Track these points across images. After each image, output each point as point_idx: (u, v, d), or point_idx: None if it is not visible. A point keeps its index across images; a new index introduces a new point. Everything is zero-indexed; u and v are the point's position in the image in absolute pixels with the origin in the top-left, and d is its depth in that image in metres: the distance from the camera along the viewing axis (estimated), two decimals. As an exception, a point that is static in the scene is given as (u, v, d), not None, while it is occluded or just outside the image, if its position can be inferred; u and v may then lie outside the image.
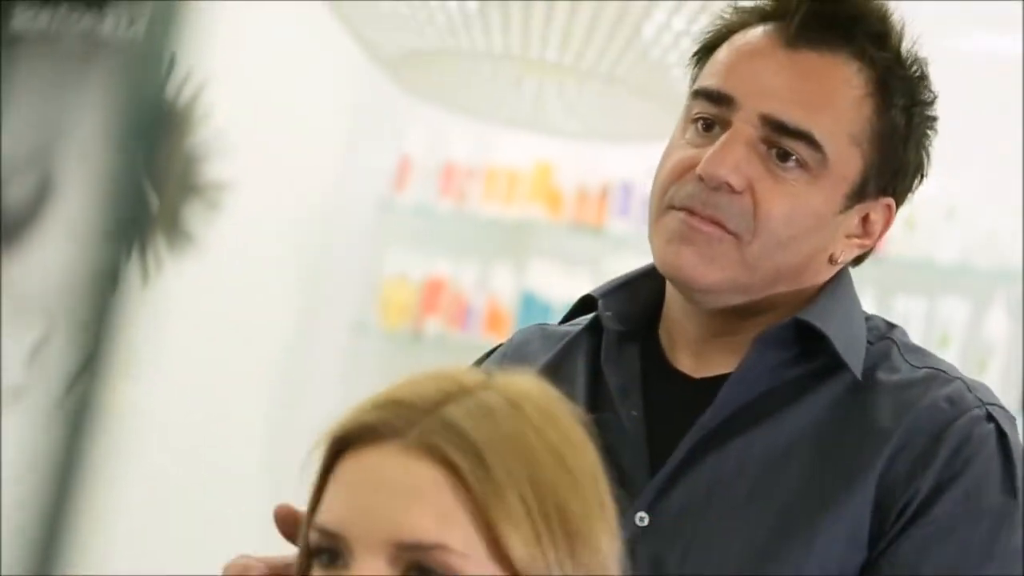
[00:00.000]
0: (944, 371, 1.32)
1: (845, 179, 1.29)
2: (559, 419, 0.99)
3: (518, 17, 2.58)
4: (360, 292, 4.68)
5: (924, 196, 3.73)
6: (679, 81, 2.46)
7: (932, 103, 1.34)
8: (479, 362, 1.53)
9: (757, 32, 1.33)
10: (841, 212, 1.31)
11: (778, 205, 1.26)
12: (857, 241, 1.34)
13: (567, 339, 1.45)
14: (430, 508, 0.93)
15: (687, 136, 1.32)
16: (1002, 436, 1.25)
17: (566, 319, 1.52)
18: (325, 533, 0.97)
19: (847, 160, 1.28)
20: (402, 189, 4.55)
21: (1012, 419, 1.30)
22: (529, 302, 4.32)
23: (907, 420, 1.26)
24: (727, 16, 1.37)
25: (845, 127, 1.28)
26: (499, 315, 4.46)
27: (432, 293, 4.42)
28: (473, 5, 2.64)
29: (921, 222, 3.99)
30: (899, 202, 1.36)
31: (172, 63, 0.64)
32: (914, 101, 1.32)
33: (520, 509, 0.93)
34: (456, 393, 0.97)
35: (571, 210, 4.40)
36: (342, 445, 0.98)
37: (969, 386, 1.30)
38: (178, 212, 4.13)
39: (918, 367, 1.31)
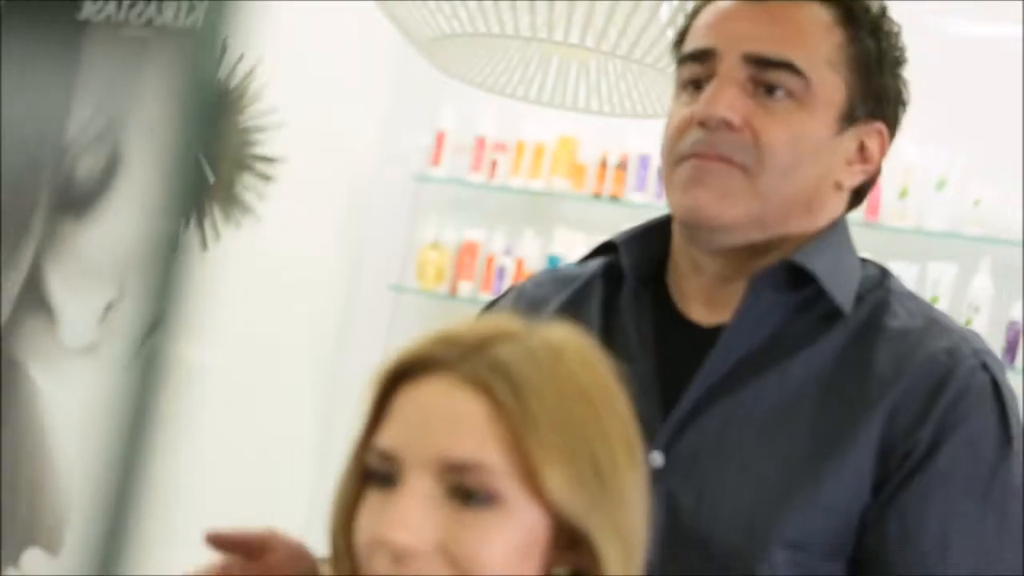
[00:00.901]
0: (939, 320, 1.32)
1: (832, 103, 1.30)
2: (595, 367, 1.01)
3: (544, 1, 2.58)
4: (399, 257, 4.67)
5: (916, 168, 3.83)
6: None
7: (898, 33, 1.35)
8: (488, 307, 1.56)
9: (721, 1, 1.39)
10: (837, 135, 1.32)
11: (776, 133, 1.27)
12: (859, 167, 1.35)
13: (579, 282, 1.45)
14: (474, 434, 0.95)
15: (682, 98, 1.33)
16: (996, 385, 1.25)
17: (586, 258, 1.52)
18: (382, 455, 0.99)
19: (830, 84, 1.30)
20: (437, 163, 4.58)
21: (1002, 366, 1.31)
22: (554, 266, 4.38)
23: (908, 371, 1.25)
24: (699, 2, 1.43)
25: (822, 53, 1.29)
26: (526, 278, 4.60)
27: (465, 258, 4.45)
28: None
29: (913, 193, 4.01)
30: (891, 129, 1.37)
31: (225, 48, 0.63)
32: (879, 28, 1.33)
33: (555, 445, 0.95)
34: (503, 336, 0.98)
35: (592, 182, 4.41)
36: (398, 377, 1.00)
37: (964, 336, 1.31)
38: (234, 185, 4.15)
39: (915, 314, 1.31)
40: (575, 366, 1.00)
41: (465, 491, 0.95)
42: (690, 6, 2.70)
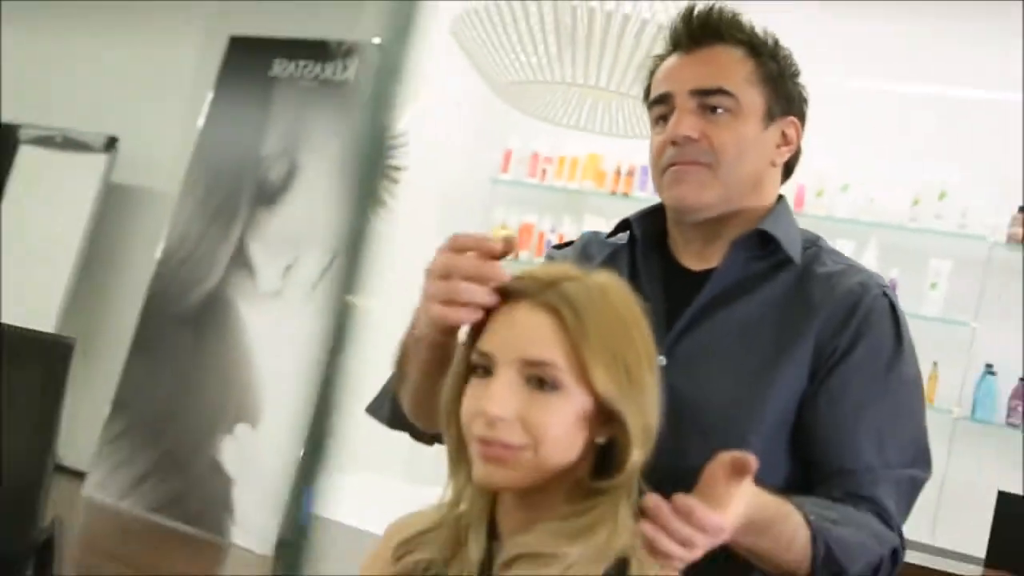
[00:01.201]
0: (854, 265, 1.40)
1: (756, 109, 1.38)
2: (628, 302, 1.11)
3: (580, 58, 2.92)
4: (480, 229, 4.59)
5: (829, 176, 4.37)
6: None
7: (789, 55, 1.42)
8: (556, 247, 1.63)
9: (669, 60, 1.44)
10: (764, 131, 1.39)
11: (724, 138, 1.36)
12: (784, 148, 1.43)
13: (613, 248, 1.50)
14: (545, 342, 1.05)
15: (656, 131, 1.42)
16: (892, 306, 1.35)
17: (612, 233, 1.55)
18: (482, 354, 1.08)
19: (752, 97, 1.37)
20: (505, 170, 5.06)
21: (896, 295, 1.37)
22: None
23: (832, 298, 1.33)
24: (650, 66, 1.50)
25: (741, 77, 1.37)
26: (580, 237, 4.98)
27: (524, 234, 4.92)
28: (553, 50, 2.93)
29: (826, 193, 4.40)
30: (800, 119, 1.45)
31: (378, 93, 0.70)
32: (776, 54, 1.41)
33: (600, 353, 1.05)
34: (568, 278, 1.08)
35: (610, 183, 4.86)
36: (492, 303, 1.09)
37: (871, 275, 1.38)
38: (375, 185, 5.79)
39: (838, 263, 1.39)
40: (615, 300, 1.09)
41: (538, 380, 1.05)
42: None
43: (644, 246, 1.45)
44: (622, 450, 1.07)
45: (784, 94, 1.41)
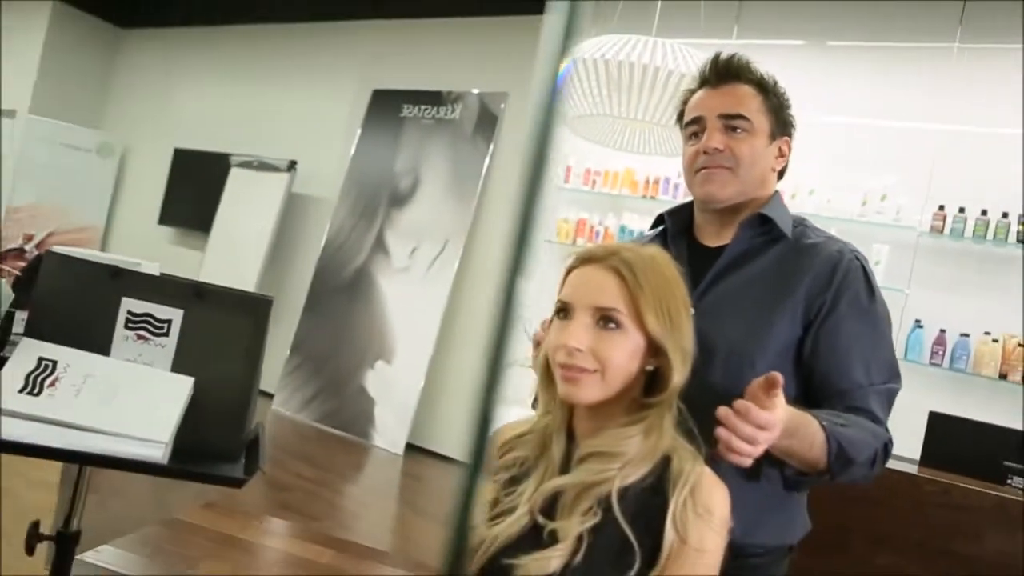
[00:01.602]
0: (832, 237, 1.33)
1: (764, 131, 1.32)
2: (670, 266, 1.06)
3: (624, 98, 2.83)
4: (549, 227, 4.85)
5: (800, 185, 4.19)
6: None
7: (784, 93, 1.36)
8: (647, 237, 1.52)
9: (697, 93, 1.38)
10: (768, 146, 1.33)
11: (742, 149, 1.31)
12: (780, 160, 1.36)
13: (651, 238, 1.45)
14: (611, 294, 1.02)
15: (690, 143, 1.36)
16: (865, 270, 1.28)
17: (653, 226, 1.50)
18: (563, 302, 1.05)
19: (761, 121, 1.32)
20: (567, 181, 4.91)
21: (866, 259, 1.31)
22: (622, 231, 4.61)
23: (817, 262, 1.27)
24: (682, 96, 1.44)
25: (754, 107, 1.31)
26: (609, 238, 4.70)
27: (580, 226, 4.82)
28: (604, 92, 2.85)
29: (797, 195, 4.17)
30: (791, 139, 1.38)
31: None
32: (777, 91, 1.35)
33: (651, 302, 1.02)
34: (626, 249, 1.05)
35: (642, 190, 4.71)
36: (573, 266, 1.07)
37: (846, 244, 1.32)
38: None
39: (820, 236, 1.33)
40: (660, 264, 1.05)
41: (605, 321, 1.02)
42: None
43: (674, 232, 1.41)
44: (666, 375, 1.03)
45: (782, 120, 1.36)
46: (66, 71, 7.67)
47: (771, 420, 0.96)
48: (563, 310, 1.04)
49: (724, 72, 1.33)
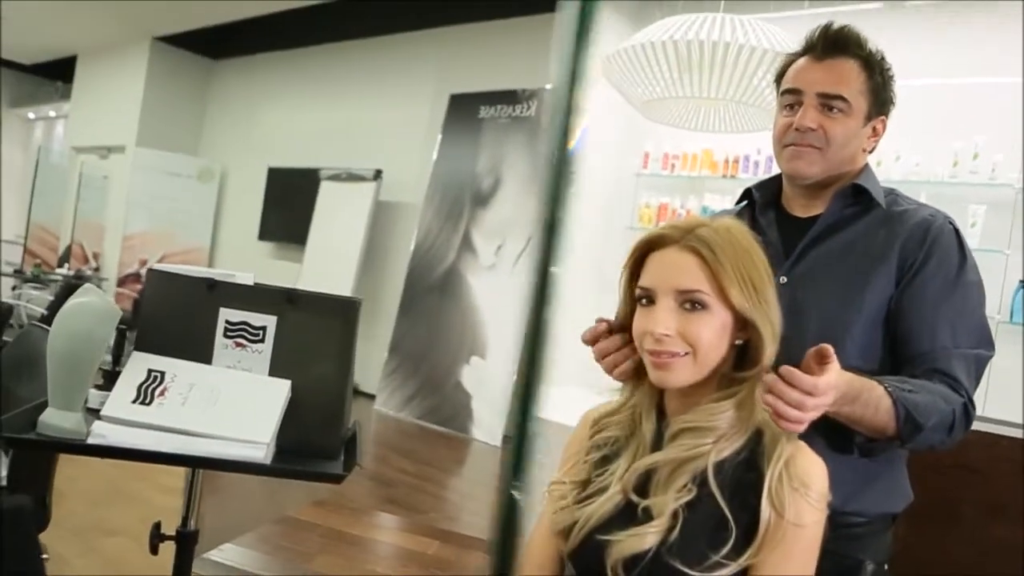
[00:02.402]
0: (924, 204, 1.30)
1: (861, 112, 1.28)
2: (748, 236, 1.03)
3: (695, 78, 2.81)
4: (630, 212, 4.90)
5: (881, 149, 3.84)
6: (771, 100, 2.67)
7: (890, 69, 1.30)
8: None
9: (801, 60, 1.31)
10: (863, 127, 1.29)
11: (836, 130, 1.27)
12: (873, 139, 1.32)
13: (738, 211, 1.43)
14: (692, 275, 0.99)
15: (783, 113, 1.32)
16: (956, 231, 1.26)
17: (739, 201, 1.46)
18: (645, 288, 1.02)
19: (860, 103, 1.27)
20: (646, 166, 4.89)
21: (958, 224, 1.28)
22: (704, 211, 4.50)
23: (909, 227, 1.25)
24: (784, 60, 1.36)
25: (855, 88, 1.26)
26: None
27: (662, 211, 4.79)
28: (675, 73, 2.84)
29: (883, 162, 3.97)
30: (887, 118, 1.33)
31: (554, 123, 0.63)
32: (882, 68, 1.29)
33: (733, 277, 0.99)
34: (701, 225, 1.02)
35: (721, 169, 4.65)
36: (648, 249, 1.04)
37: (937, 210, 1.29)
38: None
39: (912, 204, 1.30)
40: (737, 235, 1.02)
41: (690, 303, 0.99)
42: (768, 76, 2.75)
43: (762, 203, 1.37)
44: (756, 348, 1.00)
45: (881, 100, 1.30)
46: (165, 104, 8.07)
47: (817, 385, 0.93)
48: (645, 296, 1.02)
49: (831, 44, 1.27)
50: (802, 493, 0.94)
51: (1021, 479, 1.76)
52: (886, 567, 1.28)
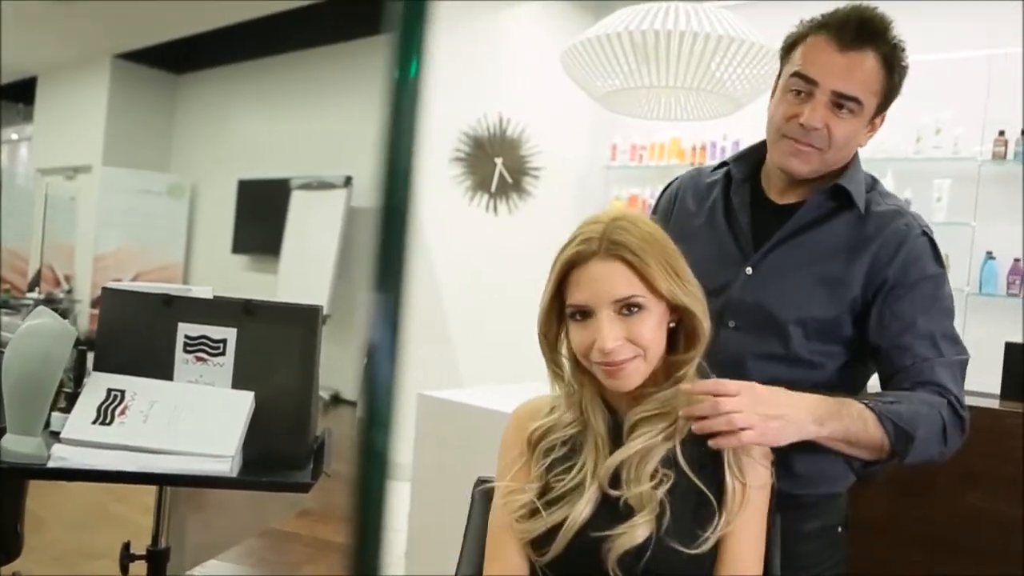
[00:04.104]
0: (900, 207, 1.27)
1: (869, 111, 1.24)
2: (652, 225, 1.05)
3: (653, 67, 2.79)
4: (600, 204, 4.77)
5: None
6: (729, 87, 2.76)
7: (906, 65, 1.25)
8: (662, 194, 1.49)
9: (821, 39, 1.22)
10: (865, 124, 1.25)
11: (842, 131, 1.22)
12: (870, 134, 1.29)
13: (711, 178, 1.39)
14: (624, 281, 1.01)
15: (788, 98, 1.25)
16: (932, 243, 1.24)
17: (716, 169, 1.42)
18: (579, 305, 1.02)
19: (871, 103, 1.23)
20: (614, 158, 4.91)
21: (933, 231, 1.26)
22: None
23: (884, 233, 1.23)
24: (797, 29, 1.27)
25: (870, 89, 1.21)
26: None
27: (632, 203, 4.78)
28: (634, 64, 2.80)
29: None
30: (886, 112, 1.29)
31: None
32: (902, 66, 1.24)
33: (657, 270, 1.00)
34: (612, 229, 1.01)
35: (689, 158, 4.66)
36: (569, 268, 1.04)
37: (914, 217, 1.26)
38: (521, 183, 5.66)
39: (890, 205, 1.27)
40: (647, 228, 1.03)
41: (628, 308, 1.01)
42: (731, 62, 2.68)
43: (739, 178, 1.34)
44: (691, 327, 1.04)
45: (889, 100, 1.26)
46: (131, 122, 7.99)
47: (725, 387, 0.99)
48: (579, 312, 1.02)
49: (858, 34, 1.20)
50: (754, 457, 1.02)
51: (992, 447, 1.81)
52: (840, 529, 1.31)
